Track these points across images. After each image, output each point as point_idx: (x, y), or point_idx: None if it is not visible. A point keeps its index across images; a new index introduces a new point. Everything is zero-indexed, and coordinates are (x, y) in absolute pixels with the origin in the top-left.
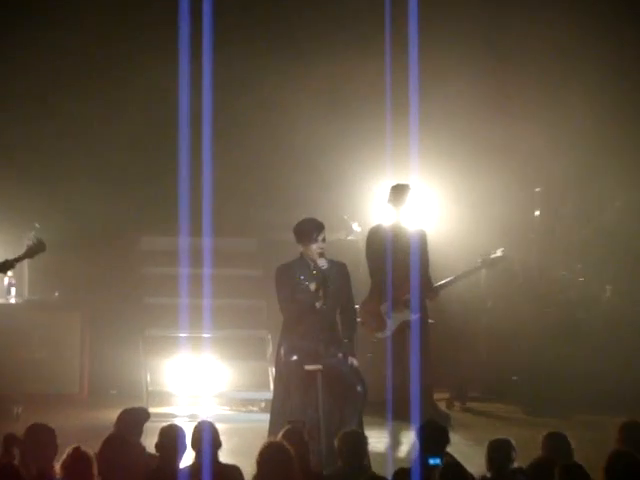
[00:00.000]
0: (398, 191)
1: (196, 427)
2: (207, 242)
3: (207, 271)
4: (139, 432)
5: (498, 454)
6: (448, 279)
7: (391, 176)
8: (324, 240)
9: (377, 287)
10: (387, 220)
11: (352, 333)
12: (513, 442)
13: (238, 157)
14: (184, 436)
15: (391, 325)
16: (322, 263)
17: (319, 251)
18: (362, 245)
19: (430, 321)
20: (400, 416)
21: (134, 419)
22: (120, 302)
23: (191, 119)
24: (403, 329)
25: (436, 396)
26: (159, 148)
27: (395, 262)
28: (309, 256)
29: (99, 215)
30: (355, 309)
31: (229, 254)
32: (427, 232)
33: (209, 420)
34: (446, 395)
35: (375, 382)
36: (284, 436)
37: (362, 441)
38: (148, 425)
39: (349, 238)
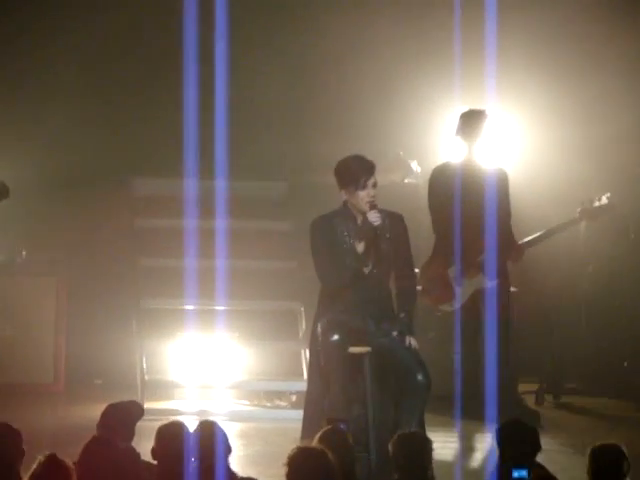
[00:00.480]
0: (470, 119)
1: (196, 430)
2: (221, 186)
3: (221, 223)
4: (130, 434)
5: (605, 465)
6: (537, 234)
7: (461, 100)
8: (375, 185)
9: (443, 245)
10: (456, 157)
11: (411, 306)
12: (625, 450)
13: (262, 72)
14: (190, 437)
15: (461, 295)
16: (373, 217)
17: (368, 199)
18: (423, 190)
19: (512, 289)
20: (473, 414)
21: (123, 417)
22: (108, 265)
23: (201, 19)
24: (477, 300)
25: (521, 388)
26: (159, 60)
27: (467, 212)
28: (355, 206)
29: (80, 150)
30: (415, 274)
31: (250, 201)
32: (509, 172)
33: (212, 420)
34: (534, 387)
35: (440, 369)
36: (322, 439)
37: (424, 446)
38: (142, 424)
39: (407, 181)
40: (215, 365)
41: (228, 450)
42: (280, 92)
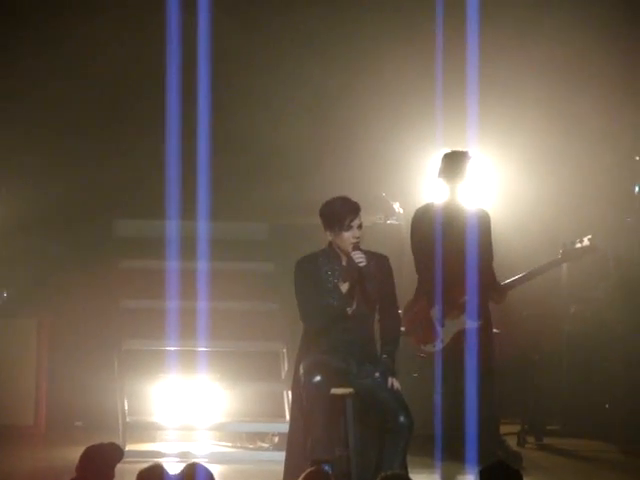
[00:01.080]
0: (453, 161)
1: (181, 473)
2: (203, 227)
3: (203, 265)
4: (110, 476)
5: None
6: (519, 276)
7: (443, 142)
8: (360, 227)
9: (426, 286)
10: (439, 199)
11: (393, 347)
12: None
13: (244, 115)
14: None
15: (444, 335)
16: (358, 257)
17: (353, 241)
18: (406, 231)
19: (495, 331)
20: (455, 455)
21: (102, 459)
22: (89, 306)
23: (184, 58)
24: (459, 341)
25: (503, 429)
26: (141, 102)
27: (449, 253)
28: (340, 247)
29: (61, 191)
30: (399, 315)
31: (232, 243)
32: (490, 214)
33: (199, 462)
34: (516, 428)
35: (423, 410)
36: None
37: None
38: (123, 467)
39: (389, 222)
40: (197, 406)
41: None
42: (262, 134)
